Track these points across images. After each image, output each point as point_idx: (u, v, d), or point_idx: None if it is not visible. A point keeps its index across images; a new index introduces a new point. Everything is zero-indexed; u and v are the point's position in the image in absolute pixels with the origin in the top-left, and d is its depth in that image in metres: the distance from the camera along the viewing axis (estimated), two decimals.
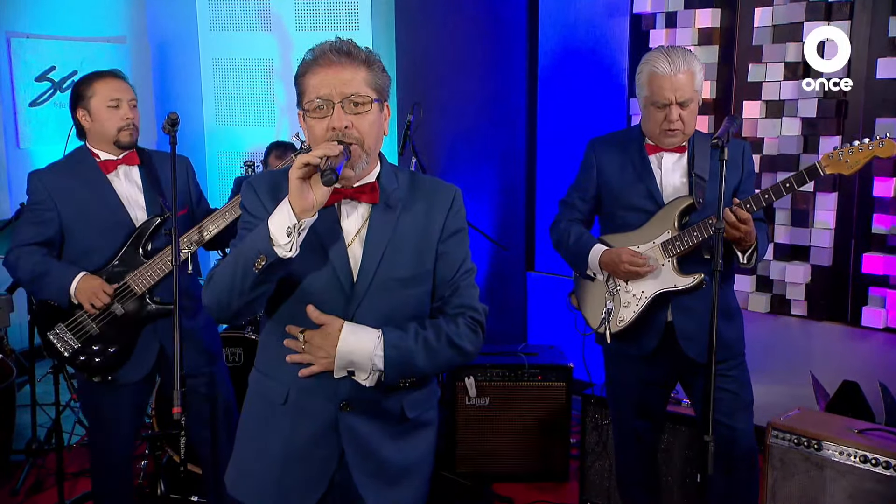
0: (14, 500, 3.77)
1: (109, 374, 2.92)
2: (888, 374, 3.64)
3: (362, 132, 1.79)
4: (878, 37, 3.73)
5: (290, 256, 1.71)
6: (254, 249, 1.71)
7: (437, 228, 1.90)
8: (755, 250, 2.69)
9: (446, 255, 1.91)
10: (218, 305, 1.81)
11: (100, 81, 2.94)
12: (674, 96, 2.65)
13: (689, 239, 2.69)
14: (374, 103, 1.80)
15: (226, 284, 1.77)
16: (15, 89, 5.54)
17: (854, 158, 2.61)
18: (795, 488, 2.84)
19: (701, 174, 2.72)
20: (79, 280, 2.83)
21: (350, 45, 1.80)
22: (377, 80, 1.82)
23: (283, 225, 1.69)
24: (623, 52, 4.57)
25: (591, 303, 2.92)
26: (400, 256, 1.86)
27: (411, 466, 1.96)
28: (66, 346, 2.90)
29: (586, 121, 4.71)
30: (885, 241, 3.78)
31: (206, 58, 5.69)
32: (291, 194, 1.69)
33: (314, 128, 1.79)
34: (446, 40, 5.23)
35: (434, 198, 1.92)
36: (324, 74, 1.78)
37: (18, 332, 4.30)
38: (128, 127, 2.92)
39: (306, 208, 1.69)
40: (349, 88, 1.77)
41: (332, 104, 1.76)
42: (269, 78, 5.57)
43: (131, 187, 2.96)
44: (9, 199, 5.36)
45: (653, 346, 2.80)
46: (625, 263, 2.74)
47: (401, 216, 1.87)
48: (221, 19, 5.62)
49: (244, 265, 1.72)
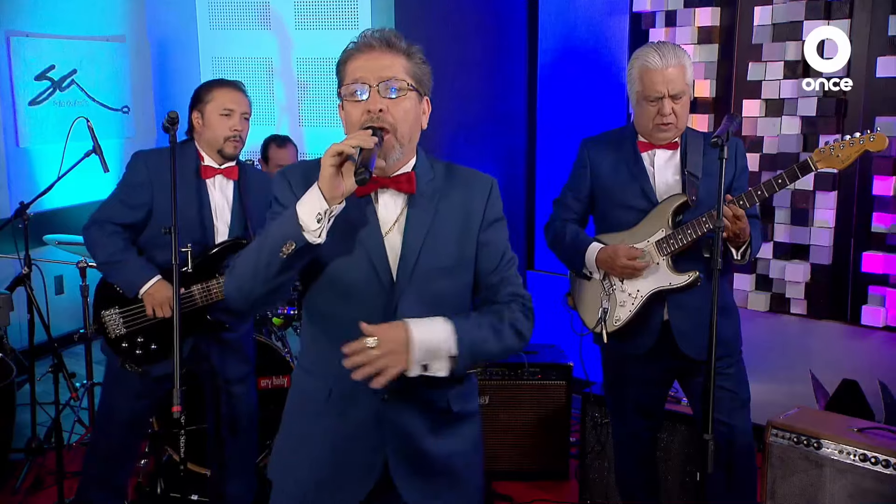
0: (14, 499, 3.76)
1: (143, 366, 2.97)
2: (888, 373, 3.64)
3: (396, 118, 1.76)
4: (878, 35, 3.73)
5: (318, 242, 1.69)
6: (281, 235, 1.68)
7: (477, 218, 1.89)
8: (749, 246, 2.69)
9: (488, 246, 1.90)
10: (239, 292, 1.79)
11: (220, 89, 2.96)
12: (666, 89, 2.65)
13: (683, 237, 2.69)
14: (411, 91, 1.79)
15: (249, 271, 1.75)
16: (14, 88, 5.53)
17: (846, 153, 2.61)
18: (795, 487, 2.84)
19: (694, 172, 2.72)
20: (153, 283, 2.87)
21: (392, 34, 1.80)
22: (417, 70, 1.81)
23: (314, 210, 1.66)
24: (623, 50, 4.57)
25: (587, 303, 2.92)
26: (440, 245, 1.84)
27: (456, 458, 1.93)
28: (115, 330, 2.96)
29: (586, 119, 4.71)
30: (885, 240, 3.78)
31: (206, 56, 5.69)
32: (322, 181, 1.66)
33: (351, 113, 1.78)
34: (446, 39, 5.22)
35: (471, 187, 1.91)
36: (364, 59, 1.78)
37: (18, 330, 4.29)
38: (234, 138, 2.93)
39: (336, 196, 1.67)
40: (387, 73, 1.76)
41: (369, 87, 1.75)
42: (269, 76, 5.56)
43: (222, 199, 2.98)
44: (8, 198, 5.36)
45: (650, 345, 2.80)
46: (622, 258, 2.73)
47: (439, 205, 1.86)
48: (221, 18, 5.61)
49: (270, 251, 1.69)
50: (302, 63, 5.50)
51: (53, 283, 5.54)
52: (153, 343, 2.96)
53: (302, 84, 5.54)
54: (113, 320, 2.96)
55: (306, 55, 5.46)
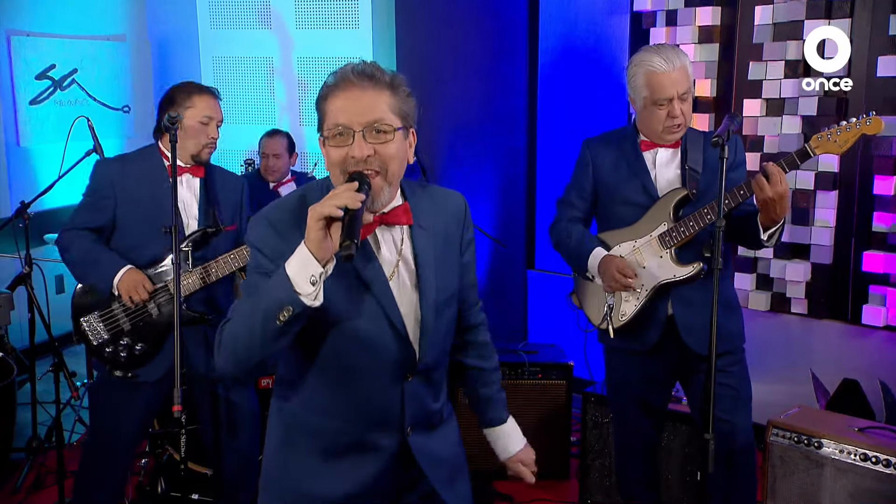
0: (14, 499, 3.77)
1: (131, 370, 2.97)
2: (888, 373, 3.64)
3: (385, 160, 1.68)
4: (879, 35, 3.73)
5: (317, 305, 1.60)
6: (275, 301, 1.58)
7: (457, 241, 1.90)
8: (780, 228, 2.66)
9: (468, 265, 1.95)
10: (236, 364, 1.69)
11: (200, 96, 2.98)
12: (675, 92, 2.67)
13: (685, 229, 2.70)
14: (397, 131, 1.69)
15: (243, 341, 1.65)
16: (15, 87, 5.53)
17: (843, 137, 2.62)
18: (795, 486, 2.84)
19: (694, 166, 2.74)
20: (124, 272, 2.90)
21: (374, 68, 1.70)
22: (402, 105, 1.71)
23: (307, 273, 1.57)
24: (623, 50, 4.57)
25: (591, 300, 2.93)
26: (446, 273, 1.84)
27: (455, 457, 2.00)
28: (96, 336, 2.97)
29: (586, 119, 4.71)
30: (886, 240, 3.78)
31: (207, 56, 5.69)
32: (310, 243, 1.57)
33: (332, 154, 1.70)
34: (447, 38, 5.22)
35: (448, 210, 1.90)
36: (344, 99, 1.68)
37: (19, 330, 4.28)
38: (210, 145, 2.99)
39: (327, 256, 1.58)
40: (371, 115, 1.66)
41: (353, 132, 1.66)
42: (270, 76, 5.56)
43: (190, 196, 3.02)
44: (9, 198, 5.36)
45: (655, 340, 2.81)
46: (613, 270, 2.75)
47: (434, 233, 1.83)
48: (221, 17, 5.61)
49: (265, 318, 1.60)
50: (303, 62, 5.50)
51: (54, 283, 5.54)
52: (139, 343, 2.96)
53: (302, 83, 5.54)
54: (93, 326, 2.96)
55: (307, 55, 5.46)
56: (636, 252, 2.80)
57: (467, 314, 2.03)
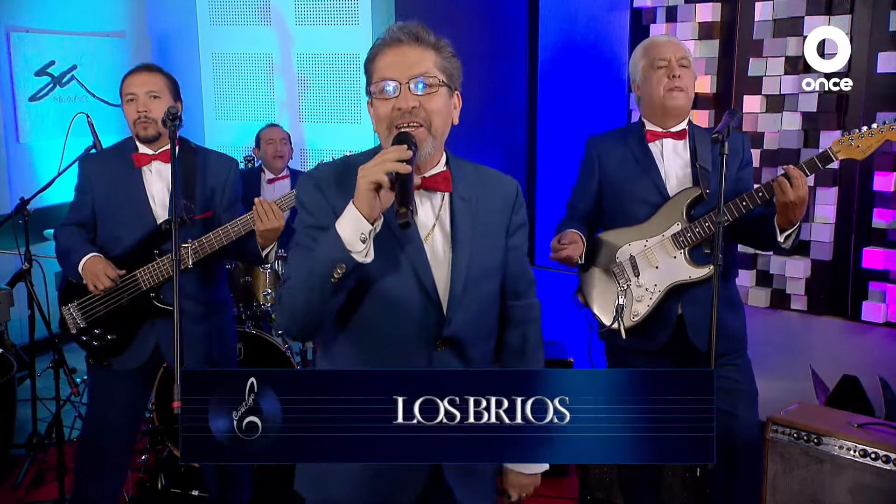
0: (15, 495, 3.77)
1: (107, 359, 3.00)
2: (888, 369, 3.64)
3: (430, 113, 1.74)
4: (879, 31, 3.72)
5: (368, 261, 1.67)
6: (329, 260, 1.65)
7: (505, 221, 1.90)
8: (797, 230, 2.65)
9: (516, 249, 1.93)
10: (295, 324, 1.76)
11: (125, 78, 2.99)
12: (673, 54, 2.72)
13: (700, 230, 2.69)
14: (442, 86, 1.76)
15: (302, 302, 1.71)
16: (14, 84, 5.53)
17: (866, 143, 2.61)
18: (795, 483, 2.84)
19: (705, 165, 2.73)
20: (87, 259, 2.90)
21: (420, 28, 1.78)
22: (447, 64, 1.78)
23: (357, 231, 1.64)
24: (623, 46, 4.56)
25: (601, 299, 2.91)
26: (484, 247, 1.85)
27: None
28: (74, 324, 3.01)
29: (587, 115, 4.71)
30: (886, 236, 3.77)
31: (206, 52, 5.69)
32: (360, 202, 1.63)
33: (379, 108, 1.75)
34: (446, 35, 5.20)
35: (499, 190, 1.91)
36: (392, 55, 1.75)
37: (19, 326, 4.29)
38: (140, 119, 2.92)
39: (375, 215, 1.65)
40: (417, 69, 1.73)
41: (399, 84, 1.72)
42: (269, 72, 5.57)
43: (160, 184, 2.98)
44: (9, 194, 5.36)
45: (664, 341, 2.80)
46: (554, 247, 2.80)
47: (476, 207, 1.85)
48: (221, 13, 5.61)
49: (321, 278, 1.66)
50: (302, 59, 5.50)
51: (54, 279, 5.49)
52: (109, 333, 2.99)
53: (302, 80, 5.54)
54: (71, 315, 3.02)
55: (307, 51, 5.46)
56: (647, 251, 2.78)
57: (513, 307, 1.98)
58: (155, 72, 3.00)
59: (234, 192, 3.09)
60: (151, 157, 2.97)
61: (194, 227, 2.94)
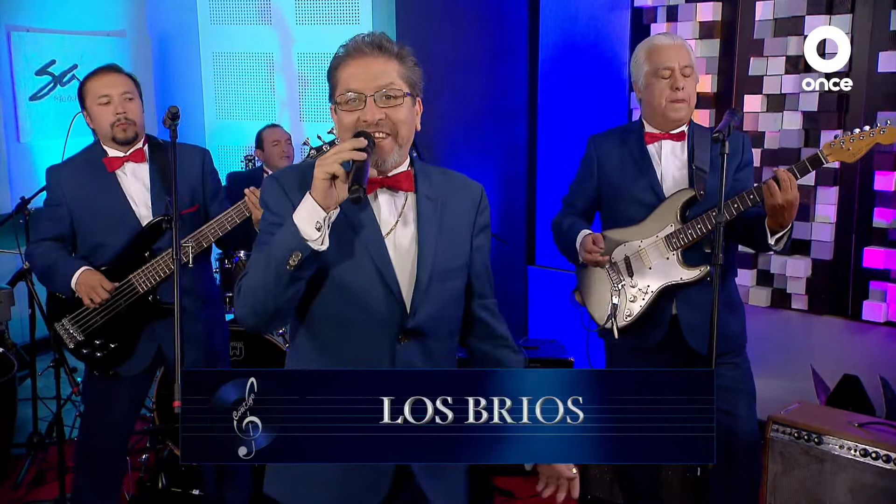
0: (15, 494, 3.77)
1: (111, 368, 2.95)
2: (889, 368, 3.64)
3: (395, 123, 1.78)
4: (880, 31, 3.72)
5: (323, 249, 1.70)
6: (284, 248, 1.69)
7: (470, 223, 1.94)
8: (788, 233, 2.65)
9: (480, 250, 1.97)
10: (253, 313, 1.77)
11: (91, 80, 2.93)
12: (677, 63, 2.69)
13: (692, 232, 2.69)
14: (406, 97, 1.80)
15: (259, 290, 1.74)
16: (15, 83, 5.53)
17: (856, 146, 2.60)
18: (796, 482, 2.84)
19: (701, 166, 2.72)
20: (79, 274, 2.84)
21: (383, 39, 1.80)
22: (410, 73, 1.82)
23: (312, 219, 1.68)
24: (624, 45, 4.56)
25: (596, 298, 2.92)
26: (451, 246, 1.88)
27: None
28: (71, 339, 2.95)
29: (587, 115, 4.71)
30: (886, 235, 3.78)
31: (207, 52, 5.69)
32: (315, 191, 1.68)
33: (344, 118, 1.79)
34: (447, 34, 5.22)
35: (465, 192, 1.95)
36: (356, 66, 1.78)
37: (19, 325, 4.30)
38: (119, 121, 2.88)
39: (331, 204, 1.69)
40: (382, 80, 1.77)
41: (364, 97, 1.76)
42: (270, 72, 5.57)
43: (138, 185, 2.95)
44: (9, 194, 5.36)
45: (659, 339, 2.80)
46: (588, 243, 2.77)
47: (443, 207, 1.89)
48: (222, 13, 5.61)
49: (277, 265, 1.69)
50: (303, 58, 5.50)
51: None
52: (112, 342, 2.93)
53: (303, 79, 5.54)
54: (67, 330, 2.94)
55: (307, 50, 5.46)
56: (641, 252, 2.79)
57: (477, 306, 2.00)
58: (122, 73, 2.97)
59: (213, 182, 3.08)
60: (123, 160, 2.92)
61: (182, 224, 2.90)
